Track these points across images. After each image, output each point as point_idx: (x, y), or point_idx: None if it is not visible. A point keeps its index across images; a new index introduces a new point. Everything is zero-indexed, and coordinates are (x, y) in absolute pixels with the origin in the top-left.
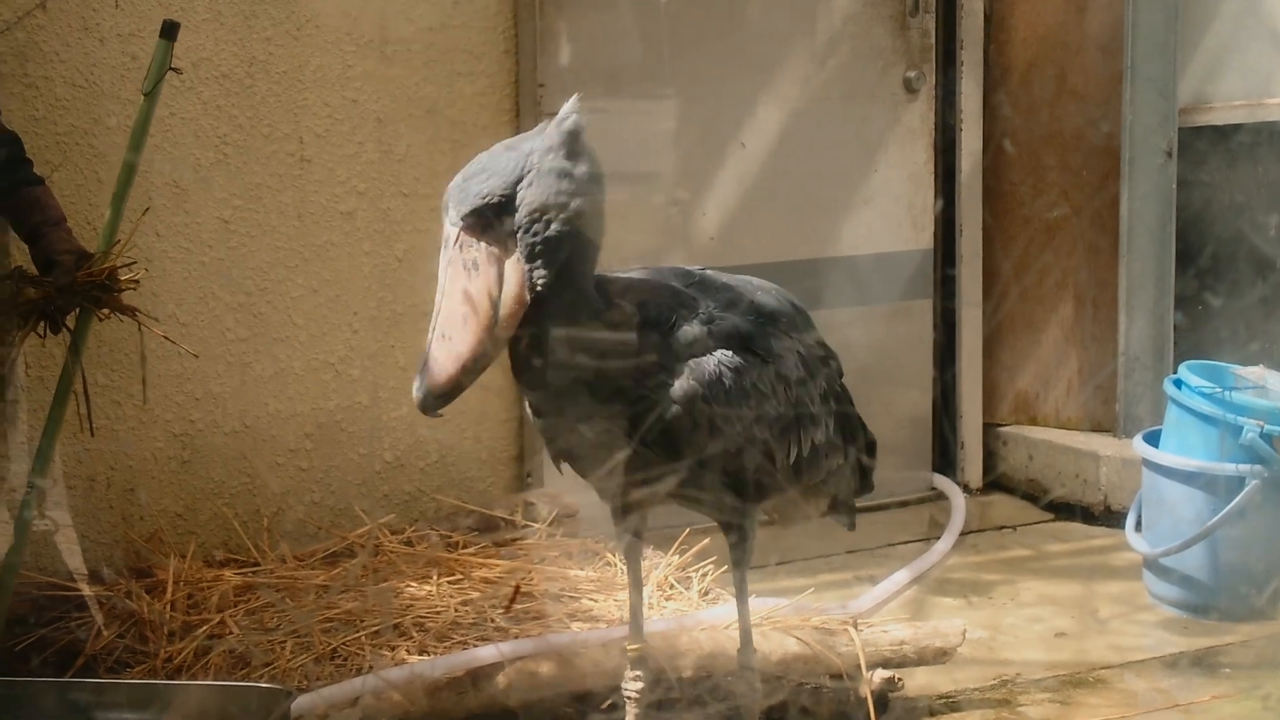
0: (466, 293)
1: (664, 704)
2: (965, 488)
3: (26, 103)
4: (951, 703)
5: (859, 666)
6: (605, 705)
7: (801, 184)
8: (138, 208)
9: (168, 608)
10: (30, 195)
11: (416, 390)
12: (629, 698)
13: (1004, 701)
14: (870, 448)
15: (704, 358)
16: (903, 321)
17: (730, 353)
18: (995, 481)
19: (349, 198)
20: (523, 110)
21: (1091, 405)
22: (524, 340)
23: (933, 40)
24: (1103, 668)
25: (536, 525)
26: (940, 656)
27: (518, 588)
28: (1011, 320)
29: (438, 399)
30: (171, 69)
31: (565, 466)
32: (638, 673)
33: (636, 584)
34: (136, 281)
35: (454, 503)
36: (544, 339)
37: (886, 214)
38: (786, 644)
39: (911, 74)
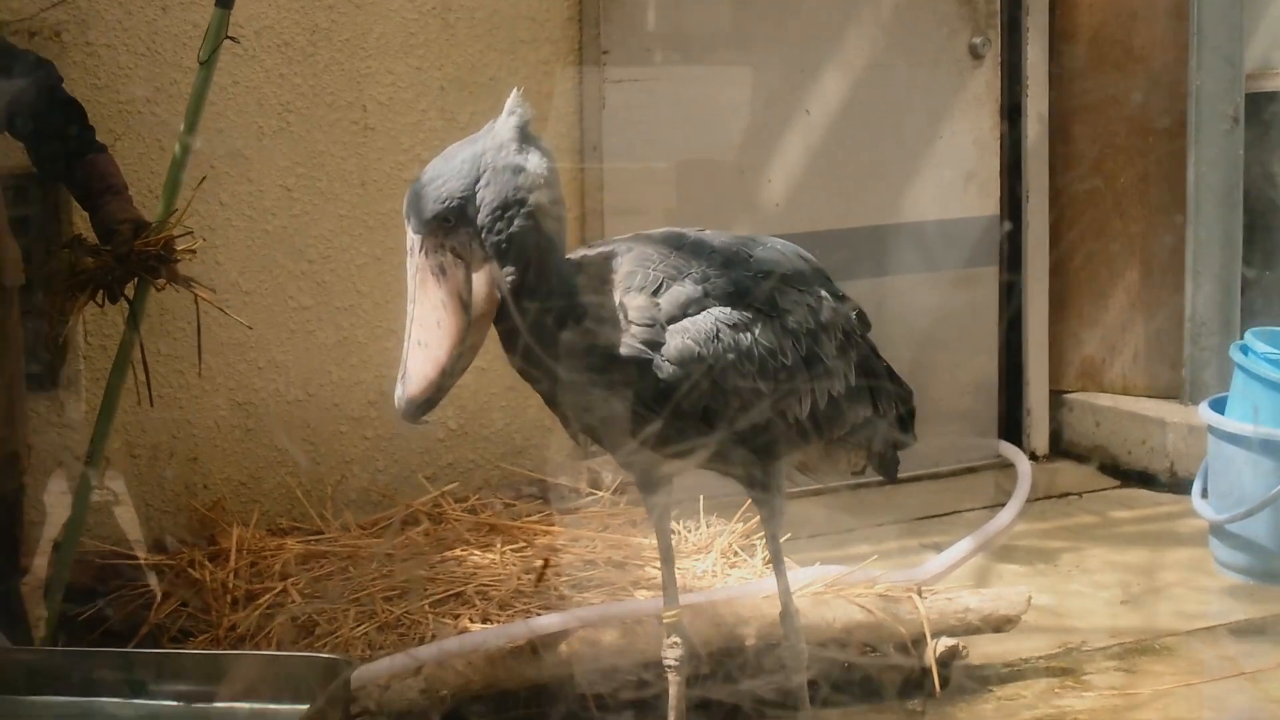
0: (438, 299)
1: (718, 673)
2: (1031, 455)
3: (89, 71)
4: (1016, 671)
5: (923, 634)
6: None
7: (866, 150)
8: (198, 176)
9: (231, 576)
10: (92, 163)
11: (398, 400)
12: (669, 665)
13: (1068, 670)
14: (905, 398)
15: (699, 316)
16: (968, 288)
17: (728, 309)
18: (1061, 448)
19: (412, 166)
20: (586, 78)
21: (1158, 371)
22: (511, 335)
23: (998, 6)
24: (1168, 635)
25: (600, 493)
26: (1005, 624)
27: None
28: (1077, 286)
29: (420, 406)
30: (228, 38)
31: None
32: (675, 639)
33: (667, 552)
34: (193, 251)
35: (518, 470)
36: (531, 330)
37: (952, 180)
38: (850, 611)
39: (977, 40)
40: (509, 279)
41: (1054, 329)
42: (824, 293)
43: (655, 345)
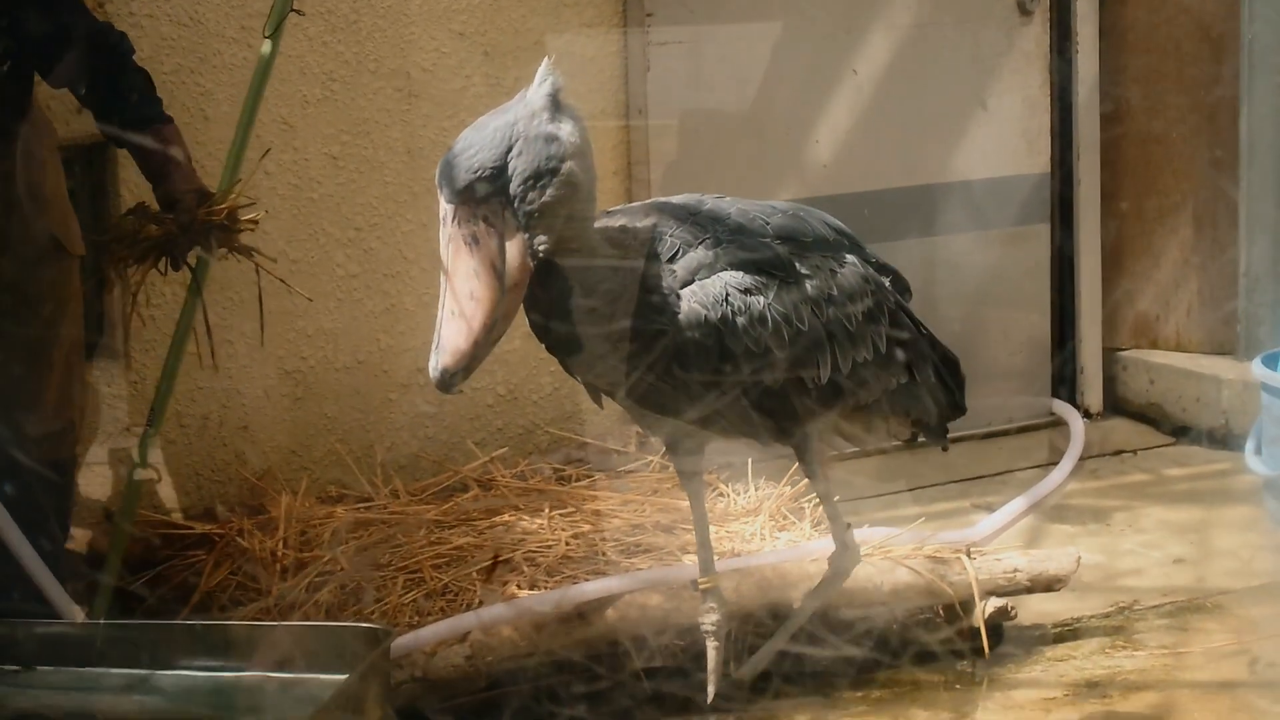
0: (471, 268)
1: (763, 637)
2: (1085, 412)
3: (133, 42)
4: (1067, 631)
5: (972, 595)
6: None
7: (914, 109)
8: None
9: (280, 545)
10: (158, 133)
11: (433, 370)
12: (707, 631)
13: (1120, 629)
14: (951, 367)
15: (708, 280)
16: (1020, 246)
17: (739, 274)
18: (1115, 405)
19: (457, 132)
20: (630, 40)
21: (1212, 327)
22: (539, 303)
23: None
24: (1221, 593)
25: (649, 456)
26: (1054, 584)
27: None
28: (1130, 243)
29: (455, 375)
30: (294, 10)
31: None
32: (712, 604)
33: (701, 517)
34: (255, 222)
35: (567, 435)
36: (558, 299)
37: (1001, 138)
38: (898, 574)
39: None
40: (541, 248)
41: (1107, 286)
42: (852, 259)
43: (665, 311)
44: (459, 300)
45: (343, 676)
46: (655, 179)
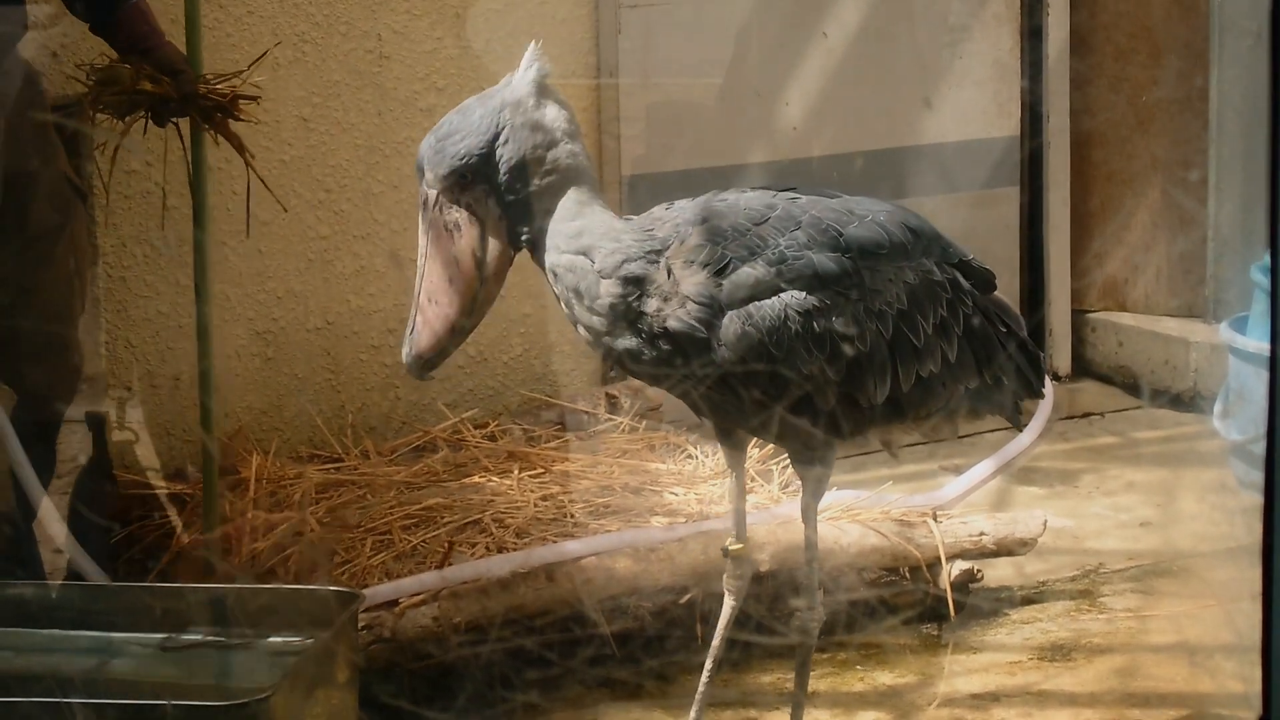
0: (451, 255)
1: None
2: (1054, 375)
3: None
4: (1033, 594)
5: (938, 558)
6: (684, 600)
7: (885, 72)
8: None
9: (251, 505)
10: (134, 11)
11: (406, 356)
12: (728, 590)
13: (1086, 592)
14: (1030, 358)
15: (766, 301)
16: (989, 209)
17: (802, 294)
18: (1084, 368)
19: (428, 94)
20: (601, 2)
21: (1181, 290)
22: (560, 292)
23: None
24: (1188, 557)
25: (619, 419)
26: (1021, 547)
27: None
28: (1100, 205)
29: (428, 363)
30: None
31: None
32: (740, 572)
33: (740, 489)
34: (251, 117)
35: (537, 396)
36: (569, 290)
37: (972, 101)
38: (865, 537)
39: None
40: (523, 238)
41: (1076, 248)
42: (930, 264)
43: (710, 325)
44: (437, 287)
45: (312, 639)
46: (625, 141)
